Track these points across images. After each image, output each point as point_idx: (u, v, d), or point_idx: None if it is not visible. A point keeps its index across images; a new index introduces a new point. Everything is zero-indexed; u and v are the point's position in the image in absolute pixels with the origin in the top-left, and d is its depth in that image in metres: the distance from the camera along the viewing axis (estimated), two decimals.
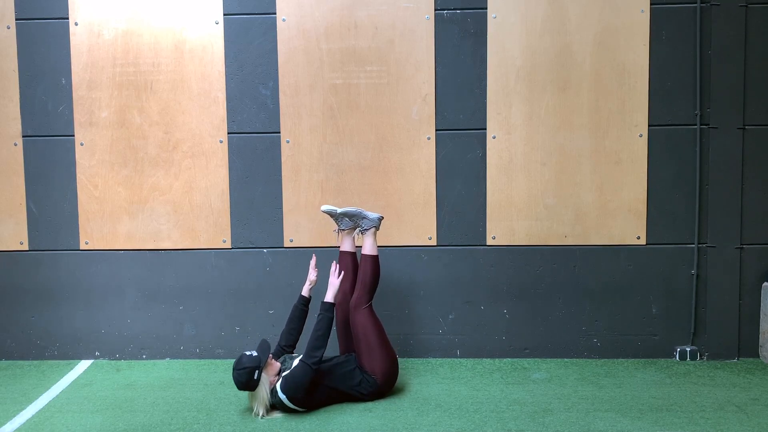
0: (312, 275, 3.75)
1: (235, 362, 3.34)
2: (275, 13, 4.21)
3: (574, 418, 3.36)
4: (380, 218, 3.86)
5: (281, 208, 4.29)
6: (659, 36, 4.12)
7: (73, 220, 4.32)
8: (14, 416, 3.48)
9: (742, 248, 4.19)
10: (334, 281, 3.62)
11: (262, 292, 4.33)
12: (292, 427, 3.28)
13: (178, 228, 4.31)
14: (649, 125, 4.16)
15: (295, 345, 3.71)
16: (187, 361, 4.36)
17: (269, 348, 3.43)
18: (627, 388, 3.77)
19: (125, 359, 4.38)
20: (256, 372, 3.29)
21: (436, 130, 4.22)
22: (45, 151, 4.30)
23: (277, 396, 3.37)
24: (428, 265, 4.28)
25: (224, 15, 4.22)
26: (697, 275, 4.20)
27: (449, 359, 4.29)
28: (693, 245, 4.20)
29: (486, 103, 4.20)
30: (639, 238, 4.20)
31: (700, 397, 3.62)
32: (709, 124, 4.14)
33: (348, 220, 3.84)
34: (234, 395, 3.70)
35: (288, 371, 3.42)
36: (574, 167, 4.20)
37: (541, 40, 4.15)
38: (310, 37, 4.20)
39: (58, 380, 4.02)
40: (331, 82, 4.21)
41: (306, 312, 3.73)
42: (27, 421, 3.42)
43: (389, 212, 4.23)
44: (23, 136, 4.30)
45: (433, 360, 4.28)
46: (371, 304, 3.70)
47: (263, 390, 3.35)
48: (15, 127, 4.29)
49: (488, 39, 4.17)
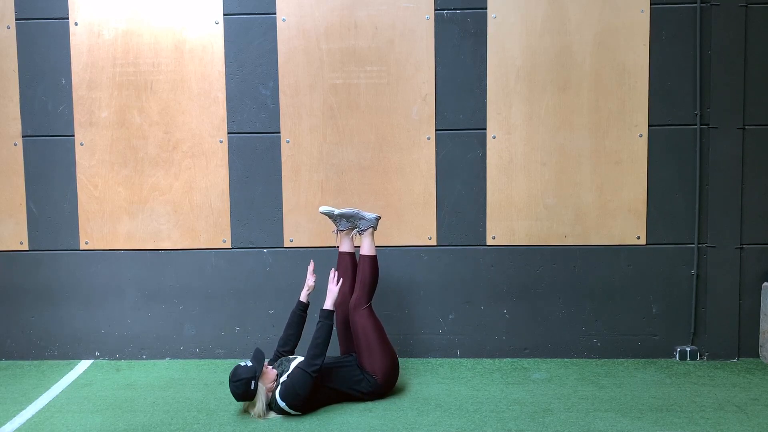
0: (310, 281, 3.74)
1: (231, 374, 3.34)
2: (275, 13, 4.21)
3: (574, 418, 3.36)
4: (377, 218, 3.85)
5: (281, 208, 4.29)
6: (659, 36, 4.12)
7: (73, 220, 4.32)
8: (14, 416, 3.48)
9: (742, 248, 4.19)
10: (333, 288, 3.61)
11: (262, 292, 4.33)
12: (292, 427, 3.28)
13: (178, 228, 4.31)
14: (649, 125, 4.16)
15: (293, 351, 3.71)
16: (187, 361, 4.36)
17: (264, 357, 3.42)
18: (627, 388, 3.77)
19: (125, 359, 4.38)
20: (253, 382, 3.30)
21: (436, 130, 4.22)
22: (45, 151, 4.30)
23: (277, 403, 3.37)
24: (428, 265, 4.28)
25: (224, 15, 4.22)
26: (697, 275, 4.20)
27: (449, 359, 4.29)
28: (693, 245, 4.20)
29: (486, 103, 4.20)
30: (639, 238, 4.20)
31: (700, 397, 3.62)
32: (709, 124, 4.14)
33: (346, 221, 3.84)
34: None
35: (287, 377, 3.41)
36: (574, 167, 4.20)
37: (541, 40, 4.15)
38: (310, 37, 4.20)
39: (58, 380, 4.02)
40: (331, 82, 4.21)
41: (304, 318, 3.73)
42: (27, 421, 3.42)
43: (389, 212, 4.23)
44: (23, 136, 4.30)
45: (433, 360, 4.28)
46: (371, 305, 3.70)
47: (260, 400, 3.35)
48: (15, 127, 4.29)
49: (488, 39, 4.17)
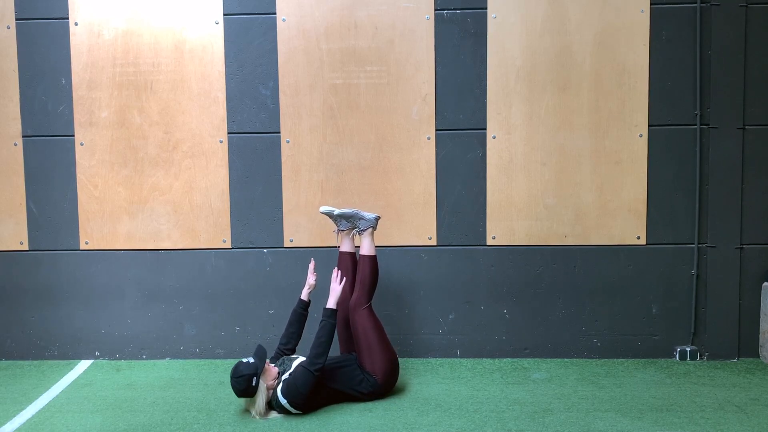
0: (311, 279, 3.74)
1: (233, 370, 3.34)
2: (275, 13, 4.21)
3: (574, 418, 3.36)
4: (377, 218, 3.86)
5: (281, 208, 4.29)
6: (659, 36, 4.12)
7: (73, 220, 4.32)
8: (14, 416, 3.48)
9: (742, 248, 4.19)
10: (336, 287, 3.61)
11: (262, 292, 4.33)
12: (292, 426, 3.28)
13: (178, 228, 4.31)
14: (649, 125, 4.16)
15: (295, 349, 3.71)
16: (187, 361, 4.36)
17: (266, 354, 3.42)
18: (627, 388, 3.77)
19: (125, 359, 4.38)
20: (254, 379, 3.29)
21: (436, 130, 4.22)
22: (45, 151, 4.30)
23: (278, 400, 3.37)
24: (428, 265, 4.28)
25: (224, 15, 4.22)
26: (697, 275, 4.20)
27: (449, 359, 4.29)
28: (693, 245, 4.20)
29: (486, 103, 4.20)
30: (639, 238, 4.20)
31: (700, 397, 3.62)
32: (709, 124, 4.14)
33: (346, 221, 3.85)
34: (234, 395, 3.70)
35: (289, 375, 3.41)
36: (574, 167, 4.20)
37: (541, 40, 4.15)
38: (310, 37, 4.20)
39: (58, 380, 4.02)
40: (331, 82, 4.21)
41: (305, 316, 3.73)
42: (27, 421, 3.42)
43: (389, 212, 4.23)
44: (23, 136, 4.30)
45: (433, 360, 4.28)
46: (371, 304, 3.70)
47: (261, 397, 3.35)
48: (15, 127, 4.29)
49: (488, 39, 4.17)
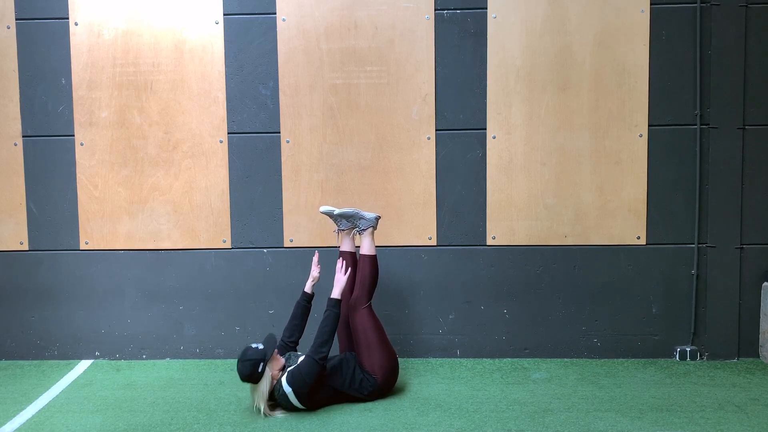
0: (315, 272, 3.75)
1: (241, 353, 3.35)
2: (275, 13, 4.21)
3: (574, 418, 3.36)
4: (377, 218, 3.86)
5: (281, 208, 4.29)
6: (659, 36, 4.12)
7: (73, 220, 4.32)
8: (14, 416, 3.48)
9: (742, 248, 4.19)
10: (341, 278, 3.62)
11: (262, 292, 4.33)
12: (292, 426, 3.28)
13: (178, 228, 4.31)
14: (649, 125, 4.16)
15: (298, 341, 3.71)
16: (187, 361, 4.36)
17: (275, 342, 3.43)
18: (627, 388, 3.77)
19: (125, 359, 4.38)
20: (261, 365, 3.30)
21: (436, 130, 4.22)
22: (45, 151, 4.30)
23: (282, 390, 3.37)
24: (428, 265, 4.28)
25: (224, 15, 4.22)
26: (697, 275, 4.20)
27: (449, 359, 4.29)
28: (693, 245, 4.20)
29: (486, 103, 4.20)
30: (639, 238, 4.20)
31: (700, 397, 3.62)
32: (709, 124, 4.14)
33: (346, 220, 3.85)
34: (234, 395, 3.70)
35: (295, 366, 3.42)
36: (574, 167, 4.20)
37: (541, 40, 4.15)
38: (310, 37, 4.20)
39: (58, 380, 4.02)
40: (331, 82, 4.21)
41: (309, 308, 3.73)
42: (27, 421, 3.42)
43: (389, 212, 4.23)
44: (23, 136, 4.30)
45: (433, 360, 4.28)
46: (370, 304, 3.70)
47: (265, 384, 3.35)
48: (15, 127, 4.29)
49: (488, 39, 4.17)
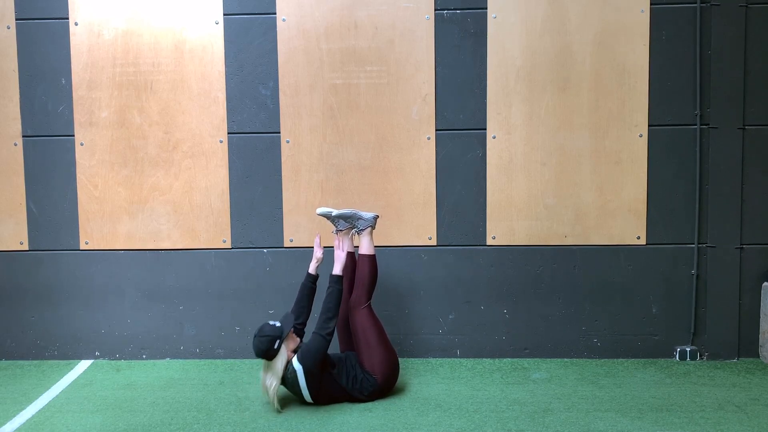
0: (318, 253, 3.76)
1: (258, 329, 3.39)
2: (275, 13, 4.21)
3: (574, 418, 3.36)
4: (375, 217, 3.86)
5: (281, 208, 4.29)
6: (659, 36, 4.12)
7: (73, 220, 4.32)
8: (14, 416, 3.48)
9: (742, 248, 4.19)
10: (341, 254, 3.66)
11: (262, 292, 4.33)
12: (293, 426, 3.28)
13: (178, 228, 4.31)
14: (649, 125, 4.16)
15: (306, 323, 3.71)
16: (187, 361, 4.36)
17: (293, 321, 3.47)
18: (627, 388, 3.77)
19: (125, 359, 4.38)
20: (277, 341, 3.34)
21: (436, 130, 4.22)
22: (45, 151, 4.30)
23: (292, 367, 3.40)
24: (428, 265, 4.28)
25: (224, 15, 4.22)
26: (697, 275, 4.20)
27: (449, 359, 4.29)
28: (693, 245, 4.20)
29: (486, 103, 4.20)
30: (639, 238, 4.20)
31: (700, 397, 3.62)
32: (709, 124, 4.14)
33: (344, 221, 3.85)
34: (234, 395, 3.71)
35: (304, 344, 3.48)
36: (574, 167, 4.20)
37: (541, 40, 4.15)
38: (310, 37, 4.20)
39: (58, 380, 4.02)
40: (331, 82, 4.21)
41: (314, 289, 3.74)
42: (27, 421, 3.42)
43: (389, 212, 4.23)
44: (23, 136, 4.30)
45: (433, 360, 4.28)
46: (370, 304, 3.70)
47: (279, 362, 3.38)
48: (15, 127, 4.29)
49: (488, 39, 4.17)
